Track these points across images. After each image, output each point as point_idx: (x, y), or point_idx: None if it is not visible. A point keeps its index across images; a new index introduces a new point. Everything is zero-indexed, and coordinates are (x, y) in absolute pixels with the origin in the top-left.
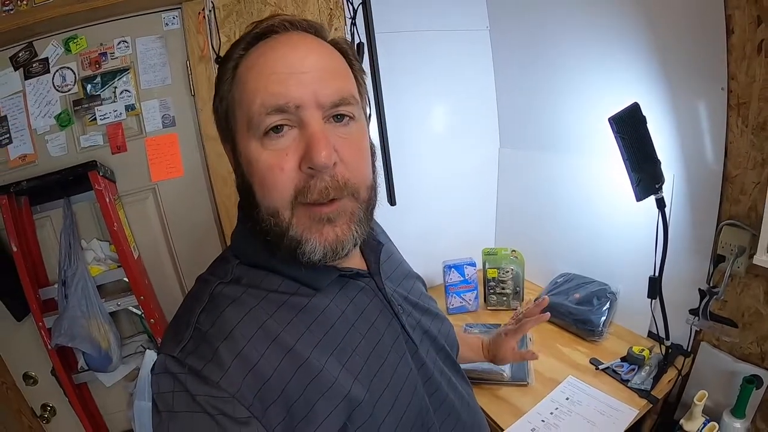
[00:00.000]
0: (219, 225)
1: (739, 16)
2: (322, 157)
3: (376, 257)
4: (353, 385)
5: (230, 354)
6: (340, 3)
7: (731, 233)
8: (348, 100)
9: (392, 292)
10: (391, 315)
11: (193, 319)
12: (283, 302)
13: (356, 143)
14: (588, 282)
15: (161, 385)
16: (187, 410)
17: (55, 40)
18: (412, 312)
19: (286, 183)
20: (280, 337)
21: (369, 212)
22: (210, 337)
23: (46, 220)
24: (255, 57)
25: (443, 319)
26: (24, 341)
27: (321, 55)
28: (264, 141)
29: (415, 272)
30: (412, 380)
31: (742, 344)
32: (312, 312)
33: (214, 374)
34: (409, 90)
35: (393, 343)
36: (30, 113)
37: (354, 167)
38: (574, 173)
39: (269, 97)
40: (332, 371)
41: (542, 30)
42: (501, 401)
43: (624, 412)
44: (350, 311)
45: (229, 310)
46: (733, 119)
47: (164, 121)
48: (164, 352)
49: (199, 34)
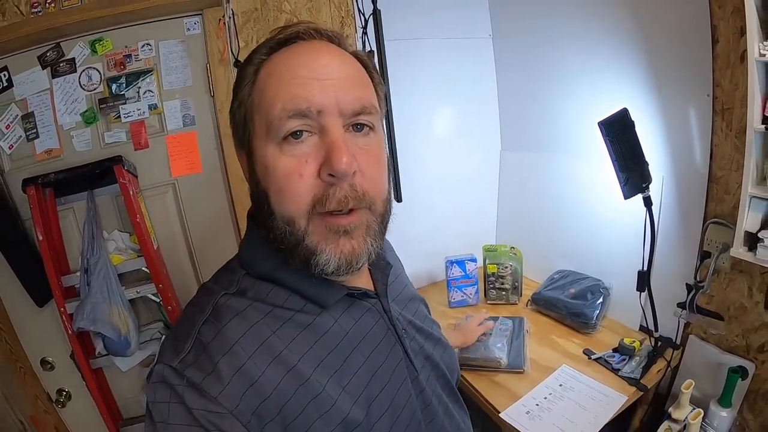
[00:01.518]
0: (235, 220)
1: (723, 27)
2: (344, 164)
3: (384, 278)
4: (352, 408)
5: (231, 369)
6: (352, 12)
7: (716, 231)
8: (369, 110)
9: (398, 315)
10: (395, 339)
11: (194, 329)
12: (288, 319)
13: (375, 154)
14: (583, 278)
15: (158, 394)
16: (181, 423)
17: (82, 41)
18: (415, 336)
19: (305, 190)
20: (282, 355)
21: (384, 226)
22: (211, 349)
23: (69, 212)
24: (277, 62)
25: (446, 346)
26: (43, 327)
27: (344, 63)
28: (283, 146)
29: (420, 295)
30: (411, 406)
31: (728, 336)
32: (316, 331)
33: (213, 388)
34: (414, 94)
35: (395, 368)
36: (56, 110)
37: (372, 178)
38: (571, 175)
39: (291, 101)
40: (332, 393)
41: (542, 38)
42: (498, 386)
43: (614, 398)
44: (354, 332)
45: (232, 324)
46: (718, 124)
47: (185, 120)
48: (163, 362)
49: (219, 39)
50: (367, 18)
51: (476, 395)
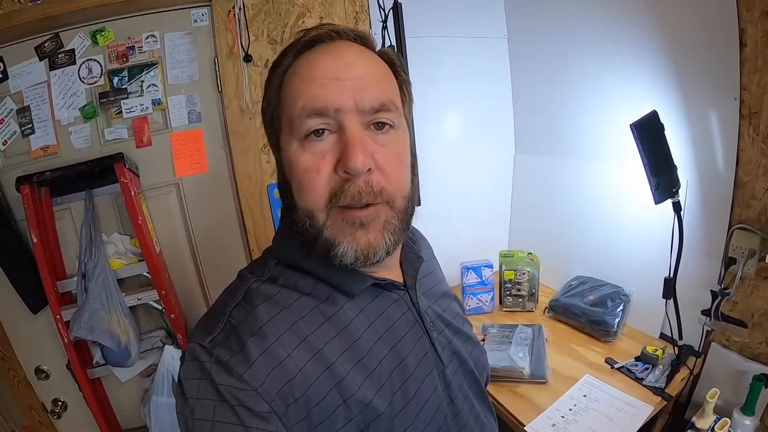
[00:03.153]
0: (242, 222)
1: (751, 31)
2: (358, 162)
3: (414, 271)
4: (375, 396)
5: (258, 349)
6: (366, 7)
7: (742, 237)
8: (388, 107)
9: (426, 308)
10: (422, 330)
11: (226, 312)
12: (315, 306)
13: (394, 151)
14: (602, 284)
15: (189, 371)
16: (209, 398)
17: (83, 31)
18: (444, 330)
19: (322, 185)
20: (308, 340)
21: (405, 222)
22: (240, 330)
23: (66, 213)
24: (301, 63)
25: (476, 344)
26: (37, 335)
27: (364, 63)
28: (304, 143)
29: (453, 293)
30: (437, 398)
31: (752, 344)
32: (342, 319)
33: (240, 366)
34: (428, 94)
35: (421, 359)
36: (54, 104)
37: (391, 175)
38: (588, 179)
39: (310, 101)
40: (356, 379)
41: (558, 39)
42: (520, 398)
43: (640, 409)
44: (380, 322)
45: (262, 308)
46: (744, 128)
47: (190, 117)
48: (195, 341)
49: (228, 32)
50: (387, 12)
51: (499, 407)
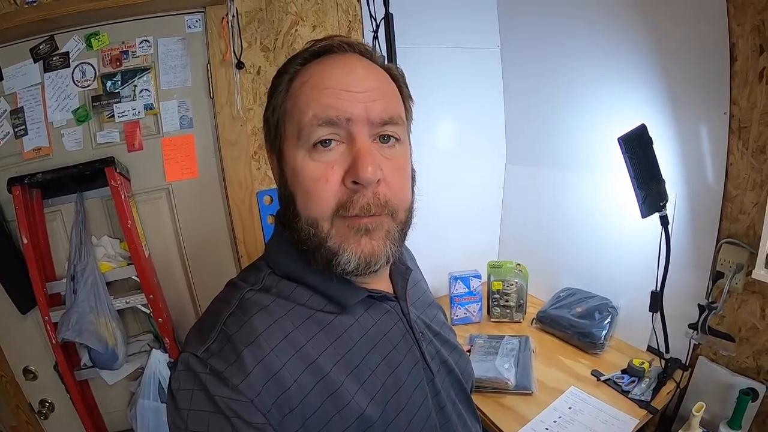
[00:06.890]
0: (231, 229)
1: (742, 45)
2: (369, 172)
3: (403, 282)
4: (369, 405)
5: (254, 359)
6: (359, 16)
7: (730, 251)
8: (396, 121)
9: (416, 318)
10: (413, 341)
11: (220, 321)
12: (310, 316)
13: (400, 165)
14: (590, 296)
15: (182, 382)
16: (204, 410)
17: (77, 35)
18: (432, 340)
19: (330, 195)
20: (303, 350)
21: (403, 233)
22: (235, 340)
23: (57, 214)
24: (311, 72)
25: (461, 353)
26: (26, 335)
27: (375, 77)
28: (312, 153)
29: (438, 303)
30: (427, 407)
31: (739, 358)
32: (337, 329)
33: (235, 377)
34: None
35: (411, 369)
36: (47, 106)
37: (395, 188)
38: (578, 191)
39: (322, 110)
40: (350, 389)
41: (551, 51)
42: (505, 409)
43: (625, 422)
44: (373, 332)
45: (257, 317)
46: (734, 142)
47: (182, 122)
48: (188, 351)
49: (221, 39)
50: (378, 22)
51: (484, 418)
